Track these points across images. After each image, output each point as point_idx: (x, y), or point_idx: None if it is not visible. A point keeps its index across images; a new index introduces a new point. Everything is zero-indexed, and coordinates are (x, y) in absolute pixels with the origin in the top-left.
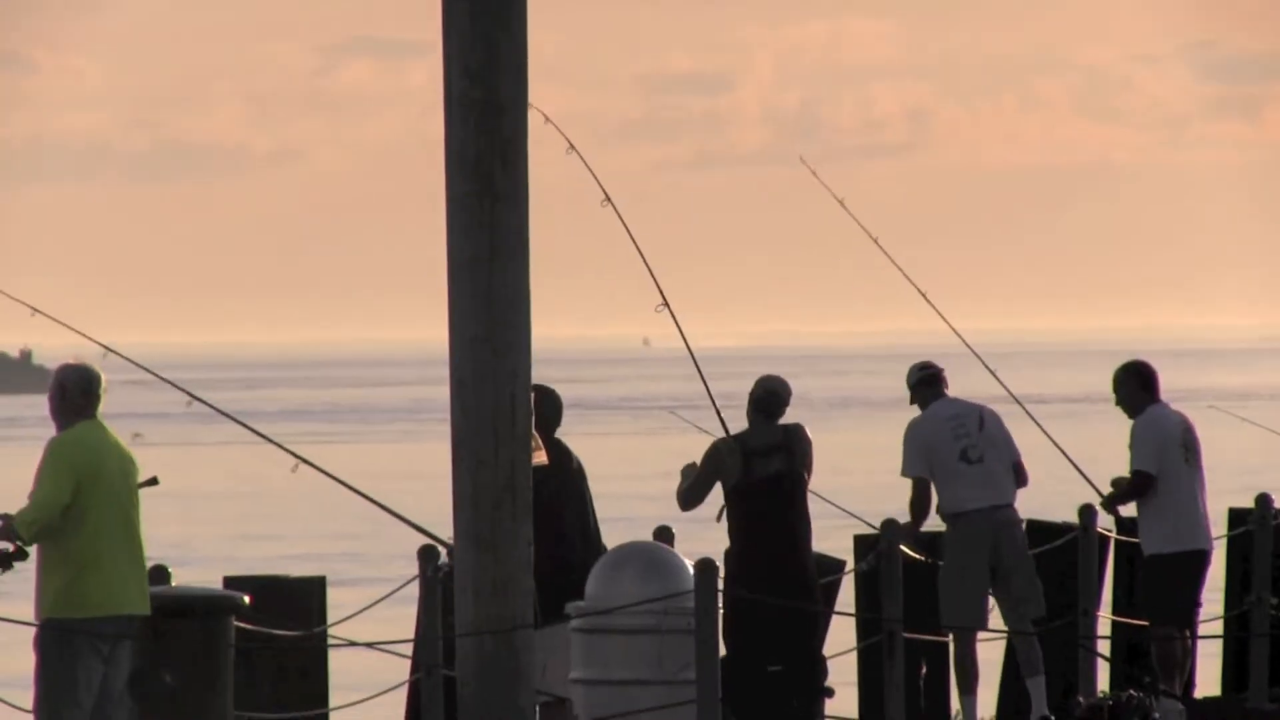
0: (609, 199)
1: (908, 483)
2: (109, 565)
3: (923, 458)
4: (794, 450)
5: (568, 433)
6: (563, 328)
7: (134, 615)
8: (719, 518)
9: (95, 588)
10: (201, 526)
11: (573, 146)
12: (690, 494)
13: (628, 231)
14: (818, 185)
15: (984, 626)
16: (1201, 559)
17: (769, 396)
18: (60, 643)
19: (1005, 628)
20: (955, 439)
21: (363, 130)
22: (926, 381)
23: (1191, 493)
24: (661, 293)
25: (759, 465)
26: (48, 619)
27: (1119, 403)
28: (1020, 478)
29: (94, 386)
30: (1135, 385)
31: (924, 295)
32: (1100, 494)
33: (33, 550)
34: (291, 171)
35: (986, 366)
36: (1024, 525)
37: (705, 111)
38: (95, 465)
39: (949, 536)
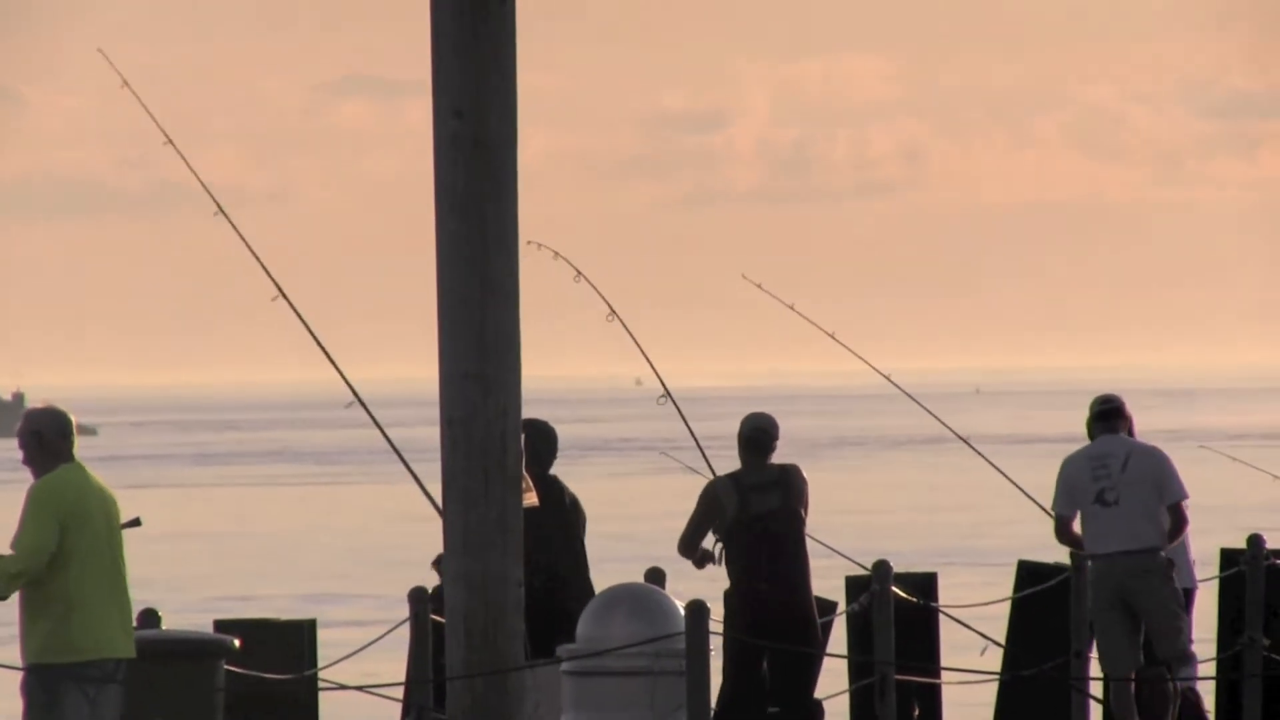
0: (614, 313)
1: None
2: (93, 609)
3: (1065, 495)
4: (790, 487)
5: (558, 473)
6: (554, 367)
7: (119, 659)
8: (718, 560)
9: (80, 633)
10: (192, 568)
11: (580, 274)
12: (689, 539)
13: (637, 345)
14: (810, 225)
15: (1125, 672)
16: (1185, 598)
17: (757, 434)
18: (46, 688)
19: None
20: (1094, 480)
21: (358, 169)
22: (1098, 416)
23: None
24: (664, 384)
25: (756, 501)
26: (33, 664)
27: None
28: (1175, 521)
29: (70, 429)
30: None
31: (879, 370)
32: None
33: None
34: (286, 210)
35: (922, 406)
36: (1166, 568)
37: (700, 149)
38: (80, 509)
39: (1082, 583)
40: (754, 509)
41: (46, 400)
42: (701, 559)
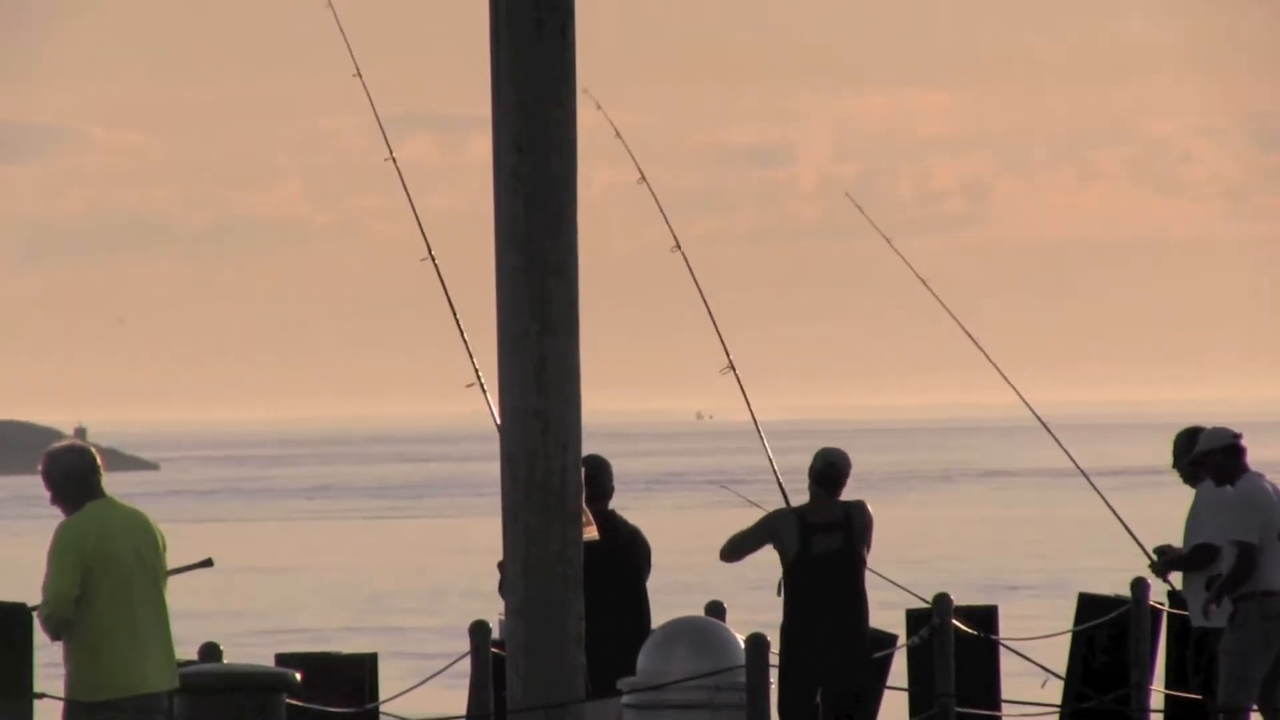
0: (679, 245)
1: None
2: (120, 648)
3: (1258, 526)
4: (854, 528)
5: (620, 506)
6: (615, 401)
7: (156, 693)
8: (779, 591)
9: (108, 671)
10: (253, 602)
11: (643, 177)
12: (735, 547)
13: (695, 282)
14: (875, 257)
15: (1249, 706)
16: None
17: (829, 469)
18: None
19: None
20: (1277, 514)
21: (421, 204)
22: (1235, 450)
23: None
24: (728, 354)
25: (819, 542)
26: (68, 699)
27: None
28: None
29: (97, 464)
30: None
31: (978, 345)
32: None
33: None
34: (350, 246)
35: (1056, 440)
36: None
37: (763, 183)
38: (103, 550)
39: (1248, 613)
40: (816, 550)
41: (72, 439)
42: (779, 588)
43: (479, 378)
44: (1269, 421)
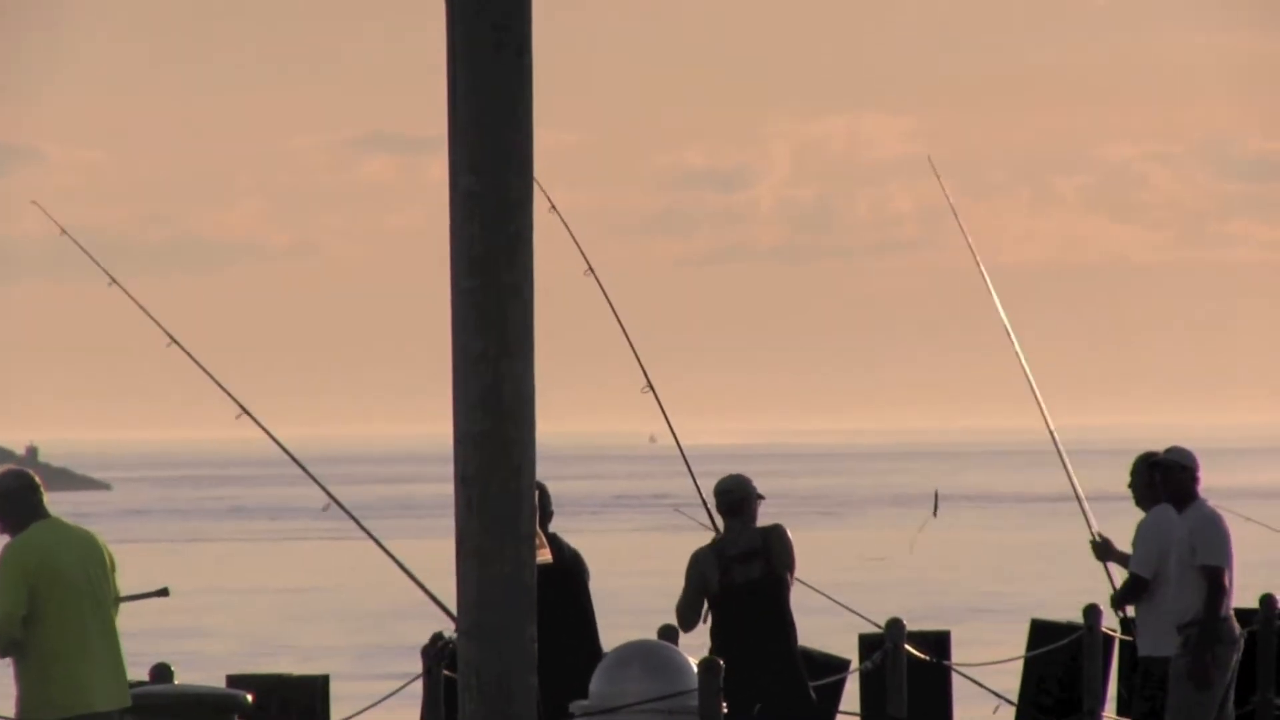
0: (591, 270)
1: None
2: (70, 665)
3: (1226, 551)
4: (773, 554)
5: (572, 529)
6: (569, 424)
7: (107, 710)
8: (706, 620)
9: (59, 690)
10: (204, 623)
11: (554, 207)
12: (686, 614)
13: (611, 306)
14: (834, 283)
15: None
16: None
17: (725, 496)
18: None
19: None
20: (1229, 541)
21: (381, 224)
22: (1197, 478)
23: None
24: (646, 375)
25: (739, 571)
26: None
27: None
28: None
29: (37, 485)
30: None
31: (1024, 363)
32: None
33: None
34: (309, 266)
35: (1065, 466)
36: None
37: (722, 207)
38: (48, 568)
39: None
40: (737, 579)
41: (8, 466)
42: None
43: (334, 499)
44: (1228, 449)
